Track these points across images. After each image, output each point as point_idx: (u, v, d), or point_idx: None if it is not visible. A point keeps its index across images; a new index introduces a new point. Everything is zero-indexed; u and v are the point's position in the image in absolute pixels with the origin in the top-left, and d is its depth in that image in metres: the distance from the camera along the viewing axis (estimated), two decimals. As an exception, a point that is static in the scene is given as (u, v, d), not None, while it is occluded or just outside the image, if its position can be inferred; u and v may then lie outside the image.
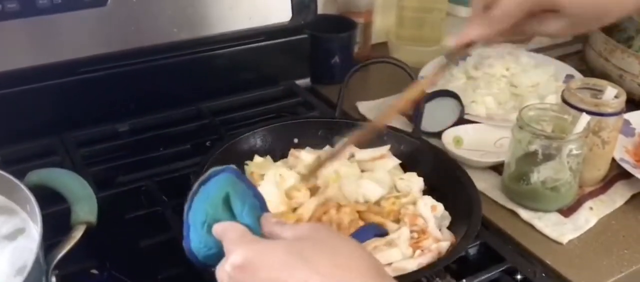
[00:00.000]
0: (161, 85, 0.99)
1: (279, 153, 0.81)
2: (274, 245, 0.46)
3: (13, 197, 0.55)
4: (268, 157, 0.79)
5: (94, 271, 0.73)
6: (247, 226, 0.50)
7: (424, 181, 0.78)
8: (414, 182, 0.77)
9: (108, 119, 0.94)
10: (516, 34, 0.62)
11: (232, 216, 0.51)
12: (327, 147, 0.83)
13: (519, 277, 0.71)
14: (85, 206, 0.56)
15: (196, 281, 0.69)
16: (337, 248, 0.46)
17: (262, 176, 0.72)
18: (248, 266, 0.45)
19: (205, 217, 0.51)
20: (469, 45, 0.66)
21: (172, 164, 0.87)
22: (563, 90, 0.88)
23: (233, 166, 0.54)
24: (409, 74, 0.88)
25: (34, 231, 0.52)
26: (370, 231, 0.56)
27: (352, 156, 0.81)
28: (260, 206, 0.52)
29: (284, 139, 0.81)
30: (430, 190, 0.78)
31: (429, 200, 0.72)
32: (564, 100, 0.87)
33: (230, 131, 0.92)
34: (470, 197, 0.71)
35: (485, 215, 0.84)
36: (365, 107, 1.10)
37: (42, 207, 0.56)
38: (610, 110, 0.85)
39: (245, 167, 0.77)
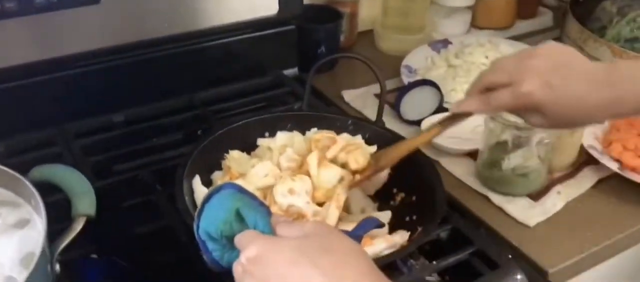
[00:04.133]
0: (154, 77, 1.04)
1: (253, 146, 0.86)
2: (283, 243, 0.53)
3: (19, 192, 0.61)
4: (243, 153, 0.84)
5: (94, 256, 0.79)
6: (262, 232, 0.55)
7: (391, 167, 0.83)
8: None
9: (104, 110, 0.99)
10: None
11: (246, 227, 0.56)
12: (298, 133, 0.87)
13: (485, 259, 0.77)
14: (85, 200, 0.62)
15: (188, 265, 0.75)
16: (337, 247, 0.52)
17: (241, 175, 0.78)
18: (260, 259, 0.52)
19: (220, 233, 0.57)
20: (466, 114, 0.76)
21: (165, 152, 0.93)
22: (534, 81, 0.93)
23: (232, 182, 0.60)
24: (373, 69, 0.92)
25: (39, 223, 0.58)
26: (371, 223, 0.62)
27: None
28: (266, 211, 0.58)
29: (256, 133, 0.87)
30: (397, 176, 0.83)
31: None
32: (535, 91, 0.92)
33: (221, 120, 0.97)
34: (434, 185, 0.77)
35: (458, 199, 0.90)
36: (350, 95, 1.14)
37: (45, 196, 0.62)
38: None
39: (223, 161, 0.82)
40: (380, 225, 0.62)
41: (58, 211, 0.67)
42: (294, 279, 0.50)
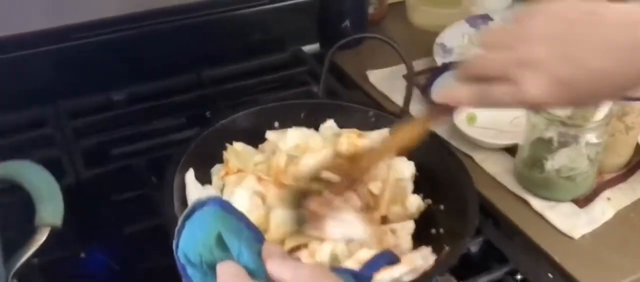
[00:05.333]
0: (162, 51, 0.96)
1: (261, 137, 0.76)
2: None
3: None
4: (248, 146, 0.75)
5: (83, 255, 0.71)
6: (246, 266, 0.46)
7: (416, 166, 0.72)
8: (405, 167, 0.71)
9: (105, 86, 0.91)
10: None
11: (229, 254, 0.47)
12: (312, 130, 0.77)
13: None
14: (50, 207, 0.53)
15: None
16: None
17: (237, 172, 0.68)
18: None
19: (200, 258, 0.48)
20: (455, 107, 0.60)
21: (166, 136, 0.84)
22: (587, 70, 0.81)
23: (217, 196, 0.50)
24: (399, 53, 0.81)
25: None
26: (383, 259, 0.52)
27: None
28: (255, 237, 0.48)
29: (265, 122, 0.77)
30: (422, 177, 0.72)
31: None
32: (587, 82, 0.80)
33: (229, 102, 0.89)
34: (466, 195, 0.66)
35: (492, 202, 0.80)
36: (375, 76, 1.04)
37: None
38: (636, 95, 0.78)
39: (224, 152, 0.73)
40: (395, 261, 0.52)
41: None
42: None
